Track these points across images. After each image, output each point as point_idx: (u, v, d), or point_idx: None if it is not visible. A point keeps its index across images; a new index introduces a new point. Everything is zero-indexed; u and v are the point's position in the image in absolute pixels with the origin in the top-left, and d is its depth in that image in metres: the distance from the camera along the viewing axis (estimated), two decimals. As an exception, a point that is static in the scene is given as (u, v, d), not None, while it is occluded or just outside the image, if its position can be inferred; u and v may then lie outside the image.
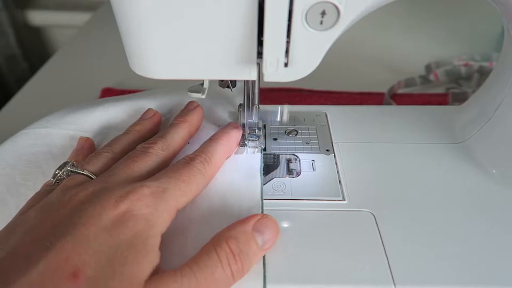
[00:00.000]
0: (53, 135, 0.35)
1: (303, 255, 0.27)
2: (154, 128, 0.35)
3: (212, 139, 0.31)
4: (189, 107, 0.35)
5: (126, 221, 0.23)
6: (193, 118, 0.34)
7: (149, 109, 0.36)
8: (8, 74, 1.06)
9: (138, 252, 0.22)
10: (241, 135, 0.34)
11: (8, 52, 1.02)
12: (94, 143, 0.34)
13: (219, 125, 0.37)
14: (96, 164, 0.29)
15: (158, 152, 0.29)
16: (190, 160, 0.28)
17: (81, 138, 0.34)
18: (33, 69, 1.03)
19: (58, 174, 0.28)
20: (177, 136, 0.32)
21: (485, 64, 0.55)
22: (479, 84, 0.53)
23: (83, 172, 0.27)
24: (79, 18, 0.96)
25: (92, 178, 0.27)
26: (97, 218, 0.23)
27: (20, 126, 0.36)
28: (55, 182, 0.28)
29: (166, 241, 0.26)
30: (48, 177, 0.30)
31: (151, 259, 0.23)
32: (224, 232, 0.25)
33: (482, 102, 0.37)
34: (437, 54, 0.60)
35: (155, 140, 0.30)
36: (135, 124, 0.34)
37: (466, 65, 0.56)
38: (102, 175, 0.27)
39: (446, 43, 0.64)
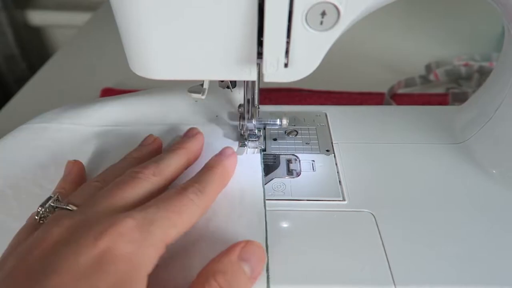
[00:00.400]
0: (51, 130, 0.35)
1: (303, 255, 0.27)
2: (153, 155, 0.32)
3: (207, 168, 0.29)
4: (189, 134, 0.33)
5: (106, 263, 0.20)
6: (193, 145, 0.32)
7: (149, 135, 0.34)
8: (7, 74, 1.06)
9: None
10: (236, 161, 0.31)
11: (8, 52, 1.02)
12: (83, 166, 0.32)
13: (219, 125, 0.37)
14: (82, 195, 0.26)
15: (149, 177, 0.26)
16: (182, 189, 0.25)
17: (69, 162, 0.31)
18: (32, 69, 1.03)
19: (41, 212, 0.25)
20: (172, 163, 0.29)
21: (485, 64, 0.55)
22: (479, 84, 0.53)
23: (67, 207, 0.25)
24: (79, 18, 0.96)
25: None
26: (72, 263, 0.20)
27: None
28: (39, 221, 0.25)
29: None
30: (46, 171, 0.30)
31: None
32: (210, 267, 0.23)
33: (482, 102, 0.37)
34: (437, 54, 0.60)
35: (146, 164, 0.28)
36: (133, 150, 0.32)
37: (466, 65, 0.56)
38: (82, 206, 0.24)
39: (446, 43, 0.64)
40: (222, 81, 0.32)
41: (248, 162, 0.33)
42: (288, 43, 0.24)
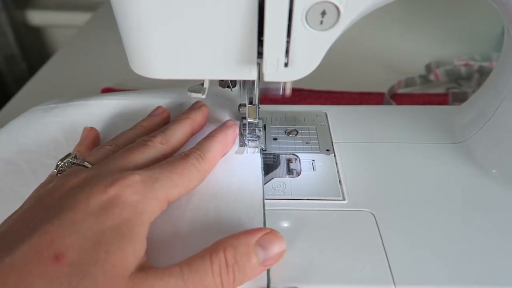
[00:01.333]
0: (61, 107, 0.38)
1: (303, 255, 0.27)
2: (162, 125, 0.34)
3: (208, 136, 0.32)
4: (195, 106, 0.35)
5: (113, 207, 0.23)
6: (197, 116, 0.34)
7: (158, 107, 0.36)
8: (7, 74, 1.06)
9: (124, 240, 0.22)
10: (237, 132, 0.34)
11: (8, 52, 1.02)
12: (98, 133, 0.34)
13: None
14: (97, 156, 0.29)
15: (156, 145, 0.29)
16: (185, 155, 0.28)
17: (85, 128, 0.34)
18: (32, 69, 1.03)
19: (60, 165, 0.28)
20: (178, 132, 0.31)
21: (485, 64, 0.55)
22: (479, 84, 0.53)
23: (83, 164, 0.28)
24: (79, 18, 0.96)
25: None
26: (84, 203, 0.23)
27: (20, 126, 0.36)
28: (57, 173, 0.28)
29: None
30: (58, 145, 0.34)
31: (137, 247, 0.23)
32: (225, 240, 0.24)
33: (482, 102, 0.37)
34: (437, 54, 0.60)
35: (155, 134, 0.30)
36: (143, 120, 0.34)
37: (466, 65, 0.56)
38: (97, 164, 0.27)
39: (446, 43, 0.64)
40: (222, 80, 0.32)
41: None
42: (288, 42, 0.24)
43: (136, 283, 0.21)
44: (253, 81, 0.31)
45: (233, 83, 0.33)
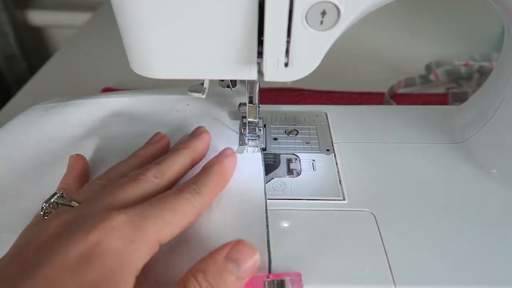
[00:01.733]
0: (60, 107, 0.39)
1: (303, 255, 0.27)
2: (160, 153, 0.32)
3: (205, 169, 0.29)
4: (195, 133, 0.33)
5: (94, 257, 0.20)
6: (198, 145, 0.31)
7: (157, 133, 0.34)
8: (7, 74, 1.06)
9: None
10: (236, 162, 0.31)
11: (8, 52, 1.02)
12: (85, 160, 0.32)
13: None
14: (86, 193, 0.27)
15: (149, 179, 0.26)
16: (178, 190, 0.26)
17: (71, 156, 0.31)
18: (32, 69, 1.03)
19: (45, 207, 0.25)
20: (175, 164, 0.29)
21: (485, 64, 0.55)
22: (479, 84, 0.53)
23: (70, 204, 0.25)
24: (79, 18, 0.96)
25: None
26: (62, 256, 0.20)
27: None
28: (44, 216, 0.26)
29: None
30: (58, 142, 0.35)
31: None
32: (194, 266, 0.23)
33: (482, 102, 0.37)
34: (437, 54, 0.60)
35: (149, 166, 0.28)
36: (140, 148, 0.32)
37: (466, 65, 0.56)
38: (83, 203, 0.25)
39: (446, 43, 0.64)
40: (222, 80, 0.32)
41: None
42: (288, 42, 0.24)
43: None
44: (253, 81, 0.31)
45: (233, 83, 0.33)
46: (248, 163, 0.33)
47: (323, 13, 0.23)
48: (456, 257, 0.27)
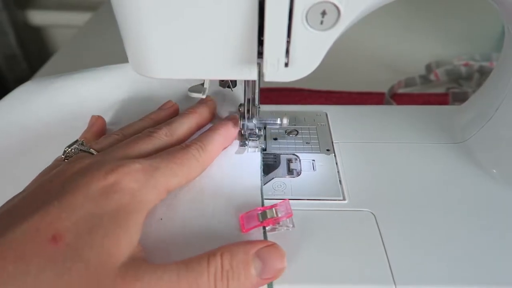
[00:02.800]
0: (67, 76, 0.39)
1: (303, 255, 0.27)
2: (170, 118, 0.34)
3: (210, 129, 0.32)
4: (202, 101, 0.36)
5: (112, 193, 0.23)
6: (204, 110, 0.34)
7: (168, 101, 0.36)
8: (8, 73, 1.06)
9: (119, 226, 0.22)
10: (239, 127, 0.34)
11: (8, 52, 1.02)
12: (105, 122, 0.35)
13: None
14: (103, 144, 0.29)
15: (161, 136, 0.30)
16: (185, 146, 0.29)
17: (92, 117, 0.35)
18: (33, 69, 1.03)
19: (67, 151, 0.29)
20: (183, 125, 0.32)
21: (486, 64, 0.55)
22: (479, 84, 0.53)
23: (89, 150, 0.28)
24: (79, 18, 0.96)
25: None
26: (85, 188, 0.23)
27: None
28: (64, 159, 0.29)
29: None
30: (69, 110, 0.36)
31: (131, 235, 0.23)
32: (226, 245, 0.24)
33: (482, 102, 0.37)
34: (438, 54, 0.60)
35: (160, 126, 0.31)
36: (151, 112, 0.35)
37: (466, 65, 0.56)
38: (102, 152, 0.28)
39: (446, 42, 0.64)
40: (223, 80, 0.32)
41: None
42: (288, 42, 0.24)
43: (127, 273, 0.22)
44: (253, 81, 0.31)
45: (233, 83, 0.33)
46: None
47: (323, 13, 0.23)
48: (456, 257, 0.27)
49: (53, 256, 0.21)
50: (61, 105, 0.37)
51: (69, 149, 0.29)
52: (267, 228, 0.28)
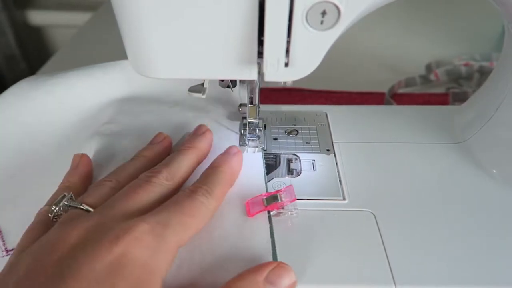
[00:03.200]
0: (63, 73, 0.39)
1: (303, 255, 0.27)
2: (164, 153, 0.33)
3: (212, 167, 0.29)
4: (198, 132, 0.33)
5: (122, 268, 0.20)
6: (202, 144, 0.32)
7: (159, 133, 0.34)
8: (7, 74, 1.06)
9: None
10: (242, 160, 0.32)
11: (8, 52, 1.02)
12: (90, 161, 0.32)
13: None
14: (96, 196, 0.26)
15: (162, 182, 0.27)
16: (191, 192, 0.26)
17: (75, 156, 0.31)
18: (32, 69, 1.03)
19: (55, 210, 0.25)
20: (183, 165, 0.29)
21: (486, 64, 0.55)
22: (479, 84, 0.53)
23: (81, 207, 0.25)
24: (79, 18, 0.96)
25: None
26: (89, 268, 0.20)
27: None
28: (53, 218, 0.26)
29: None
30: (65, 107, 0.36)
31: None
32: (231, 283, 0.23)
33: (482, 102, 0.37)
34: (438, 54, 0.60)
35: (159, 168, 0.28)
36: (143, 149, 0.32)
37: (466, 65, 0.56)
38: (99, 208, 0.25)
39: (447, 42, 0.64)
40: (223, 80, 0.32)
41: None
42: (288, 42, 0.24)
43: None
44: (253, 81, 0.31)
45: (233, 83, 0.33)
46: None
47: (323, 13, 0.22)
48: (456, 257, 0.27)
49: None
50: (59, 101, 0.37)
51: (56, 208, 0.25)
52: (272, 213, 0.28)
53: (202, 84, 0.31)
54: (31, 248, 0.23)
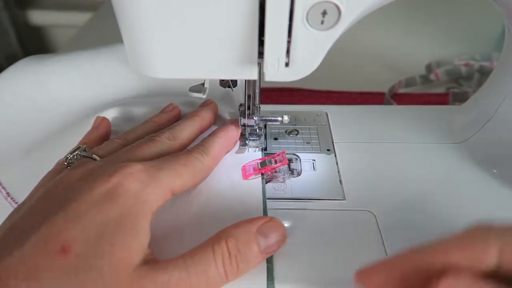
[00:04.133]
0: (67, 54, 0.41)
1: (303, 255, 0.27)
2: (172, 121, 0.35)
3: (211, 135, 0.32)
4: (204, 104, 0.36)
5: (116, 196, 0.23)
6: (207, 113, 0.34)
7: (170, 104, 0.36)
8: (8, 73, 1.06)
9: (127, 233, 0.22)
10: (240, 132, 0.34)
11: (9, 51, 1.02)
12: (109, 124, 0.35)
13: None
14: (106, 149, 0.29)
15: (163, 140, 0.29)
16: (188, 151, 0.29)
17: (97, 118, 0.34)
18: (33, 69, 1.03)
19: (69, 158, 0.28)
20: (186, 129, 0.32)
21: (486, 63, 0.55)
22: (479, 84, 0.53)
23: (92, 156, 0.28)
24: (79, 18, 0.96)
25: None
26: (89, 194, 0.23)
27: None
28: (67, 165, 0.28)
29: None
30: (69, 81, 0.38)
31: (141, 240, 0.23)
32: (226, 230, 0.25)
33: (482, 102, 0.37)
34: (438, 54, 0.60)
35: (163, 130, 0.31)
36: (154, 116, 0.35)
37: (466, 64, 0.56)
38: (105, 158, 0.28)
39: (447, 42, 0.64)
40: (223, 80, 0.32)
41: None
42: (289, 42, 0.24)
43: (140, 275, 0.22)
44: (254, 81, 0.31)
45: (234, 83, 0.33)
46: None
47: (324, 13, 0.23)
48: (456, 256, 0.27)
49: (65, 269, 0.20)
50: (66, 78, 0.39)
51: (71, 156, 0.29)
52: (265, 177, 0.32)
53: (203, 84, 0.31)
54: (45, 186, 0.26)
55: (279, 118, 0.34)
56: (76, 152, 0.29)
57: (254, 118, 0.34)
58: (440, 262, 0.19)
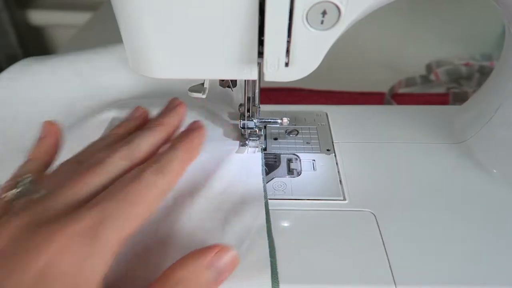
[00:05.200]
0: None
1: (303, 255, 0.27)
2: (139, 128, 0.30)
3: (170, 146, 0.27)
4: (170, 107, 0.31)
5: (52, 279, 0.19)
6: (172, 120, 0.29)
7: (137, 107, 0.32)
8: (8, 73, 1.06)
9: None
10: (205, 135, 0.29)
11: (9, 51, 1.02)
12: (59, 129, 0.29)
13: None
14: (56, 178, 0.25)
15: (116, 161, 0.24)
16: (140, 171, 0.24)
17: (45, 123, 0.29)
18: (33, 69, 1.03)
19: (10, 195, 0.23)
20: (145, 142, 0.27)
21: (486, 64, 0.55)
22: (479, 84, 0.53)
23: (39, 193, 0.23)
24: (80, 18, 0.96)
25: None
26: (17, 279, 0.18)
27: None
28: (12, 202, 0.23)
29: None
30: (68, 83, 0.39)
31: None
32: (175, 271, 0.22)
33: (482, 102, 0.37)
34: (438, 54, 0.60)
35: (117, 147, 0.26)
36: (117, 126, 0.30)
37: (466, 64, 0.56)
38: (42, 196, 0.23)
39: (447, 42, 0.64)
40: (223, 80, 0.32)
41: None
42: (288, 42, 0.24)
43: None
44: (253, 81, 0.31)
45: (233, 83, 0.33)
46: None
47: (324, 13, 0.23)
48: (456, 257, 0.27)
49: None
50: (66, 78, 0.39)
51: (14, 192, 0.23)
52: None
53: (202, 84, 0.31)
54: None
55: (279, 121, 0.34)
56: (20, 189, 0.23)
57: (254, 120, 0.34)
58: None
